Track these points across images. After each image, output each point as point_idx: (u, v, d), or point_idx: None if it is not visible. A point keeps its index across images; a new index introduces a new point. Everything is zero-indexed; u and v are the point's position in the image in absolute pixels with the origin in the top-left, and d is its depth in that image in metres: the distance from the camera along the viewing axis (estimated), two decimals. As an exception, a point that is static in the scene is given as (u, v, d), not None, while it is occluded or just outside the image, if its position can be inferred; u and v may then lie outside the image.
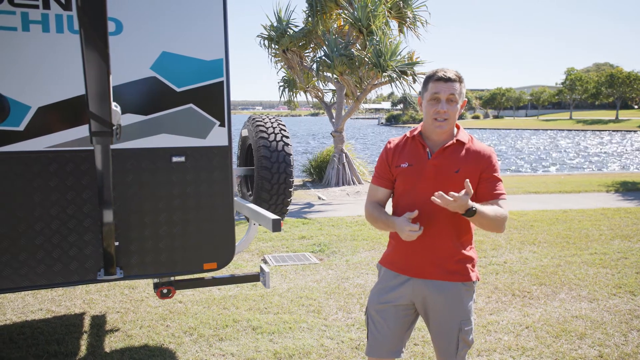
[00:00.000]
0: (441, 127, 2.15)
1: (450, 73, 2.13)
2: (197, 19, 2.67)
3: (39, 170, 2.48)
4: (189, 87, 2.69)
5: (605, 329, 3.91)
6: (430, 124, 2.18)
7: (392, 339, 2.24)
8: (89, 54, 1.54)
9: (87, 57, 1.55)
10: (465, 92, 2.19)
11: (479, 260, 5.71)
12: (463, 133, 2.24)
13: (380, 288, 2.31)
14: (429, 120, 2.17)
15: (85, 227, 2.58)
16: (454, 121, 2.18)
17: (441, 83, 2.12)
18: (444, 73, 2.13)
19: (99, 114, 1.75)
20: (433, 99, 2.15)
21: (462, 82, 2.16)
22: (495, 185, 2.17)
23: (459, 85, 2.14)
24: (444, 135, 2.20)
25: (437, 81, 2.13)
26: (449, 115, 2.13)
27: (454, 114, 2.14)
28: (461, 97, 2.16)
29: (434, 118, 2.14)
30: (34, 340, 3.70)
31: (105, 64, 1.57)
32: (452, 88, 2.11)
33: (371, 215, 2.28)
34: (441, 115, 2.13)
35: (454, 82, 2.12)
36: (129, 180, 2.66)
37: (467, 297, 2.20)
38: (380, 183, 2.31)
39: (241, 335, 3.82)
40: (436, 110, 2.13)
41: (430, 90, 2.15)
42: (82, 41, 1.51)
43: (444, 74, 2.12)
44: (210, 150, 2.77)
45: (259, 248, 6.35)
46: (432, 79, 2.15)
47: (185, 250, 2.80)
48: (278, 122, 3.81)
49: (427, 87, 2.18)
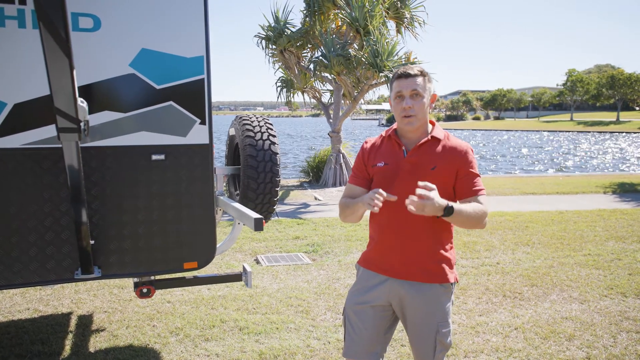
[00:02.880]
0: (410, 124, 2.12)
1: (411, 69, 2.12)
2: (177, 16, 2.64)
3: (15, 167, 2.46)
4: (169, 84, 2.67)
5: (595, 331, 3.87)
6: (400, 122, 2.16)
7: (369, 341, 2.20)
8: (50, 48, 1.51)
9: (49, 52, 1.52)
10: (431, 86, 2.17)
11: (471, 261, 5.70)
12: (438, 129, 2.21)
13: (357, 288, 2.27)
14: (399, 119, 2.15)
15: (62, 225, 2.56)
16: (423, 117, 2.15)
17: (402, 80, 2.12)
18: (405, 70, 2.12)
19: (65, 110, 1.73)
20: (398, 97, 2.14)
21: (426, 76, 2.14)
22: (474, 182, 2.14)
23: (421, 80, 2.12)
24: (417, 132, 2.17)
25: (399, 78, 2.13)
26: (415, 111, 2.10)
27: (420, 109, 2.11)
28: (426, 91, 2.13)
29: (402, 116, 2.12)
30: (18, 339, 3.68)
31: (68, 58, 1.54)
32: (413, 83, 2.10)
33: (342, 205, 2.26)
34: (406, 111, 2.10)
35: (415, 77, 2.11)
36: (107, 178, 2.63)
37: (445, 298, 2.17)
38: (356, 182, 2.28)
39: (227, 335, 3.79)
40: (402, 107, 2.11)
41: (394, 89, 2.15)
42: (42, 36, 1.48)
43: (404, 71, 2.12)
44: (190, 148, 2.75)
45: (252, 248, 6.33)
46: (395, 78, 2.15)
47: (165, 249, 2.77)
48: (265, 121, 3.78)
49: (392, 87, 2.18)
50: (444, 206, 1.93)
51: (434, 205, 1.89)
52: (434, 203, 1.88)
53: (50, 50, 1.52)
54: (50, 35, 1.46)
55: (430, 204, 1.88)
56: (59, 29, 1.45)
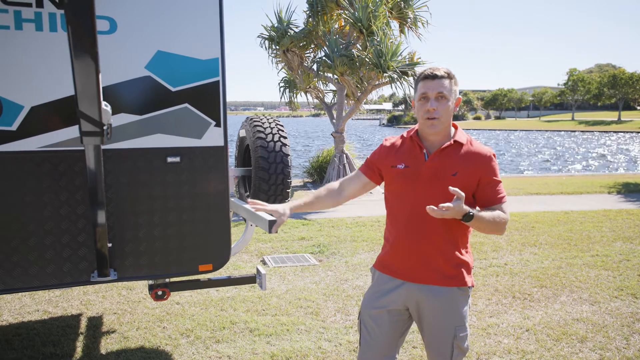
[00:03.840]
0: (433, 127, 2.08)
1: (438, 70, 2.07)
2: (193, 18, 2.63)
3: (31, 170, 2.45)
4: (184, 86, 2.66)
5: (607, 332, 3.86)
6: (423, 124, 2.12)
7: (385, 345, 2.18)
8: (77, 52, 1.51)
9: (76, 56, 1.52)
10: (457, 89, 2.12)
11: (479, 262, 5.69)
12: (461, 133, 2.17)
13: (374, 292, 2.25)
14: (422, 121, 2.11)
15: (78, 228, 2.55)
16: (447, 120, 2.10)
17: (428, 81, 2.07)
18: (432, 71, 2.07)
19: (89, 114, 1.72)
20: (422, 98, 2.09)
21: (453, 78, 2.09)
22: (497, 189, 2.12)
23: (448, 82, 2.07)
24: (440, 135, 2.13)
25: (425, 79, 2.08)
26: (439, 113, 2.05)
27: (444, 112, 2.06)
28: (452, 94, 2.09)
29: (426, 117, 2.08)
30: (29, 341, 3.67)
31: (94, 62, 1.53)
32: (440, 85, 2.05)
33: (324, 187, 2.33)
34: (430, 113, 2.05)
35: (441, 79, 2.06)
36: (123, 180, 2.62)
37: (463, 302, 2.15)
38: (365, 172, 2.29)
39: (238, 337, 3.79)
40: (426, 109, 2.06)
41: (419, 90, 2.10)
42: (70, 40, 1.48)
43: (431, 72, 2.07)
44: (205, 150, 2.74)
45: (258, 249, 6.32)
46: (421, 78, 2.10)
47: (180, 252, 2.77)
48: (276, 123, 3.77)
49: (417, 87, 2.13)
50: (465, 212, 1.92)
51: (457, 211, 1.89)
52: (458, 210, 1.88)
53: (78, 53, 1.51)
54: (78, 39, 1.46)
55: (451, 211, 1.88)
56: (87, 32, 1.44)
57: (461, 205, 1.90)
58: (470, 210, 1.94)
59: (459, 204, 1.89)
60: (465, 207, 1.92)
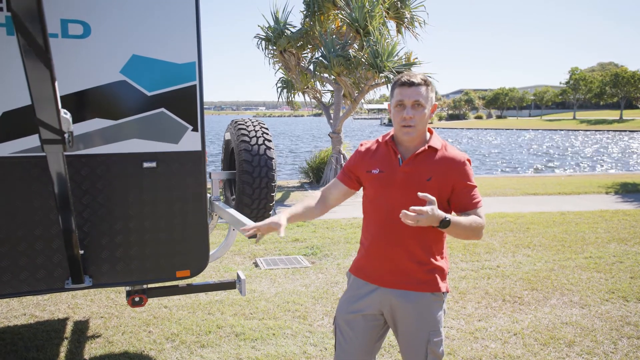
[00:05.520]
0: (409, 134, 2.08)
1: (415, 77, 2.06)
2: (169, 22, 2.61)
3: (3, 176, 2.43)
4: (160, 91, 2.63)
5: (595, 337, 3.83)
6: (398, 131, 2.12)
7: (360, 350, 2.17)
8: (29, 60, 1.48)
9: (28, 63, 1.49)
10: (433, 96, 2.12)
11: (471, 265, 5.65)
12: (436, 139, 2.16)
13: (349, 296, 2.24)
14: (398, 127, 2.11)
15: (52, 234, 2.53)
16: (422, 127, 2.10)
17: (405, 88, 2.06)
18: (409, 77, 2.06)
19: (47, 121, 1.70)
20: (399, 105, 2.08)
21: (429, 85, 2.09)
22: (471, 194, 2.10)
23: (425, 90, 2.06)
24: (415, 141, 2.12)
25: (402, 86, 2.07)
26: (415, 121, 2.05)
27: (420, 119, 2.06)
28: (428, 101, 2.08)
29: (401, 125, 2.08)
30: (13, 346, 3.66)
31: (48, 68, 1.50)
32: (417, 93, 2.04)
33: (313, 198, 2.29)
34: (407, 121, 2.05)
35: (418, 86, 2.05)
36: (99, 186, 2.60)
37: (436, 307, 2.13)
38: (342, 179, 2.28)
39: (223, 341, 3.76)
40: (402, 116, 2.06)
41: (395, 97, 2.09)
42: (20, 47, 1.45)
43: (408, 79, 2.05)
44: (182, 155, 2.71)
45: (251, 251, 6.30)
46: (397, 85, 2.09)
47: (157, 258, 2.74)
48: (260, 126, 3.74)
49: (393, 93, 2.12)
50: (441, 219, 1.89)
51: (431, 217, 1.85)
52: (431, 216, 1.85)
53: (29, 61, 1.48)
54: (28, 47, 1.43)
55: (426, 217, 1.84)
56: (37, 39, 1.41)
57: (435, 211, 1.87)
58: (447, 215, 1.91)
59: (433, 209, 1.86)
60: (441, 213, 1.89)
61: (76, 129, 2.50)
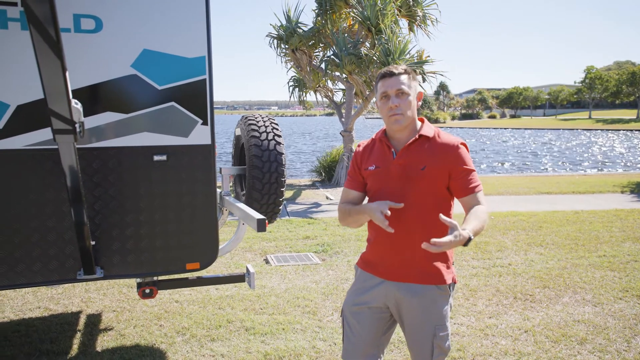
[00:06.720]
0: (398, 122, 2.09)
1: (395, 68, 2.10)
2: (179, 16, 2.64)
3: (17, 168, 2.47)
4: (170, 85, 2.66)
5: (608, 334, 3.78)
6: (388, 122, 2.14)
7: (367, 343, 2.17)
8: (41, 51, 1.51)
9: (40, 54, 1.52)
10: (416, 84, 2.15)
11: (482, 262, 5.62)
12: (428, 127, 2.17)
13: (355, 289, 2.26)
14: (387, 119, 2.13)
15: (65, 225, 2.57)
16: (412, 114, 2.12)
17: (387, 79, 2.09)
18: (389, 69, 2.10)
19: (59, 112, 1.73)
20: (384, 97, 2.11)
21: (410, 74, 2.11)
22: (469, 179, 2.07)
23: (406, 77, 2.09)
24: (406, 131, 2.14)
25: (383, 78, 2.11)
26: (401, 109, 2.07)
27: (406, 107, 2.08)
28: (412, 89, 2.11)
29: (389, 115, 2.10)
30: (27, 338, 3.72)
31: (60, 60, 1.53)
32: (398, 82, 2.07)
33: (343, 211, 2.24)
34: (393, 110, 2.07)
35: (399, 75, 2.08)
36: (110, 179, 2.64)
37: (442, 301, 2.12)
38: (352, 186, 2.27)
39: (233, 336, 3.79)
40: (388, 106, 2.08)
41: (379, 90, 2.12)
42: (33, 38, 1.48)
43: (388, 70, 2.10)
44: (192, 148, 2.74)
45: (262, 247, 6.33)
46: (379, 78, 2.13)
47: (167, 250, 2.77)
48: (270, 121, 3.76)
49: (377, 88, 2.15)
50: (465, 240, 1.81)
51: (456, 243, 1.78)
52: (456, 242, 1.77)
53: (41, 52, 1.51)
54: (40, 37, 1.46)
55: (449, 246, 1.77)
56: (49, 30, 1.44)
57: (459, 237, 1.77)
58: (469, 234, 1.83)
59: (456, 236, 1.77)
60: (464, 234, 1.80)
61: (88, 123, 2.54)
